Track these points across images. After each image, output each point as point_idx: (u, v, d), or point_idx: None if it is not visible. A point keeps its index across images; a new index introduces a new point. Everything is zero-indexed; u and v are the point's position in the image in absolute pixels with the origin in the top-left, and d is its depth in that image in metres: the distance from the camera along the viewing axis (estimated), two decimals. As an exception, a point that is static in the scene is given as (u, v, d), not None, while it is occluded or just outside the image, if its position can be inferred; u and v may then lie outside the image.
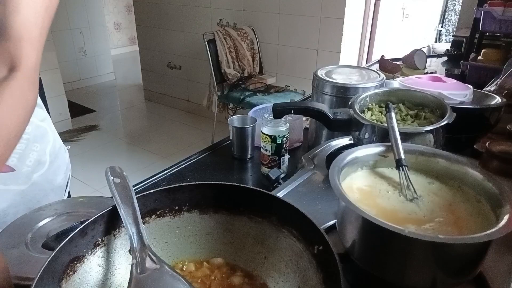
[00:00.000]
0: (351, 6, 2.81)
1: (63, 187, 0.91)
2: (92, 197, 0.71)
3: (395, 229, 0.45)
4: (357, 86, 0.94)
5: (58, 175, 0.89)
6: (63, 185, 0.91)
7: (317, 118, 0.86)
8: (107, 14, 5.50)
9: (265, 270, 0.52)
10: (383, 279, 0.50)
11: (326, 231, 0.47)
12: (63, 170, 0.91)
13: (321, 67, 1.06)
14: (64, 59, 4.34)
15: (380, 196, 0.57)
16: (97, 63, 4.93)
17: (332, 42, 2.89)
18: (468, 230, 0.50)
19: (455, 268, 0.48)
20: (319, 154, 0.86)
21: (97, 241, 0.47)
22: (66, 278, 0.43)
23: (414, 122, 0.80)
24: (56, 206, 0.68)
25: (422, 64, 1.84)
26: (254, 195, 0.52)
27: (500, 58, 1.65)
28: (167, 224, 0.54)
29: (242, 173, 1.04)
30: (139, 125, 3.91)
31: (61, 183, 0.90)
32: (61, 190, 0.90)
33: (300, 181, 0.77)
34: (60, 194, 0.90)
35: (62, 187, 0.91)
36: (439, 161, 0.61)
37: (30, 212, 0.66)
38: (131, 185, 0.51)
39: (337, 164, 0.58)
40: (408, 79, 1.05)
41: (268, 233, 0.52)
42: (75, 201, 0.70)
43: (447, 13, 4.38)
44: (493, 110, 0.95)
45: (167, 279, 0.44)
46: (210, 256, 0.55)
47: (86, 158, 3.20)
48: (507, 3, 1.53)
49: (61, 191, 0.90)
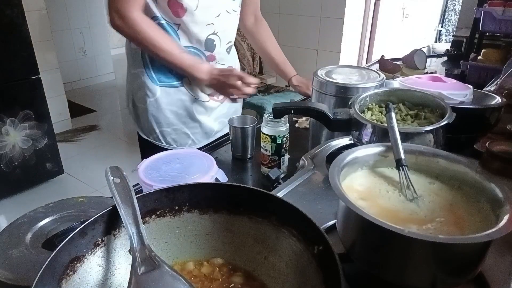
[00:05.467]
0: (351, 6, 2.81)
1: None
2: (92, 197, 0.71)
3: (395, 229, 0.45)
4: (357, 86, 0.94)
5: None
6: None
7: (317, 118, 0.86)
8: (107, 14, 5.49)
9: (265, 270, 0.52)
10: (383, 279, 0.50)
11: (326, 231, 0.47)
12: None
13: (321, 67, 1.06)
14: (64, 59, 4.33)
15: (380, 196, 0.57)
16: (97, 63, 4.92)
17: (332, 42, 2.89)
18: (469, 230, 0.50)
19: (455, 268, 0.48)
20: (319, 154, 0.86)
21: (97, 241, 0.47)
22: (66, 278, 0.43)
23: (414, 122, 0.80)
24: (56, 206, 0.68)
25: (422, 64, 1.84)
26: (254, 195, 0.52)
27: (500, 58, 1.65)
28: (167, 224, 0.54)
29: (242, 173, 1.04)
30: (139, 125, 3.91)
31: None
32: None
33: (300, 181, 0.77)
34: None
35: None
36: (439, 161, 0.61)
37: (30, 212, 0.66)
38: (131, 185, 0.51)
39: (337, 164, 0.58)
40: (408, 79, 1.05)
41: (268, 233, 0.52)
42: (75, 201, 0.70)
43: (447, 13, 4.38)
44: (493, 110, 0.94)
45: (167, 279, 0.44)
46: (210, 256, 0.55)
47: (86, 158, 3.20)
48: (507, 3, 1.54)
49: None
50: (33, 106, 2.54)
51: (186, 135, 1.24)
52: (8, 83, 2.38)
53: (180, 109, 1.20)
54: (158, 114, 1.19)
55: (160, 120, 1.20)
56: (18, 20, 2.35)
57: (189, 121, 1.22)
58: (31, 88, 2.50)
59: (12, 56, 2.37)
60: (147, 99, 1.17)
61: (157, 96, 1.17)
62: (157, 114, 1.19)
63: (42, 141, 2.64)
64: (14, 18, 2.33)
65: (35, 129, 2.58)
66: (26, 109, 2.50)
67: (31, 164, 2.61)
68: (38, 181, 2.72)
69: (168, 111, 1.19)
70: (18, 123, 2.49)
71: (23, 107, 2.49)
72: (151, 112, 1.19)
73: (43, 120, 2.61)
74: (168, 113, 1.19)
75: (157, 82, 1.16)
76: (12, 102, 2.44)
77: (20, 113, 2.49)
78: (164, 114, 1.19)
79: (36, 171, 2.65)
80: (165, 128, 1.21)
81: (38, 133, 2.61)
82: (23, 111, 2.50)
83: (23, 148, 2.55)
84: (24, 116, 2.51)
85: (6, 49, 2.32)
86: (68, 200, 0.70)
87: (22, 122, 2.50)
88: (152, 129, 1.22)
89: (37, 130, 2.59)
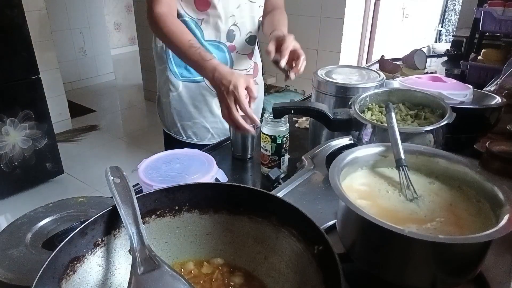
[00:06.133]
0: (351, 6, 2.81)
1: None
2: (92, 197, 0.71)
3: (395, 229, 0.45)
4: (357, 86, 0.94)
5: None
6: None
7: (317, 118, 0.86)
8: (107, 14, 5.49)
9: (265, 270, 0.52)
10: (383, 279, 0.50)
11: (326, 231, 0.47)
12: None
13: (321, 67, 1.06)
14: (64, 59, 4.33)
15: (380, 196, 0.57)
16: (97, 63, 4.92)
17: (332, 42, 2.89)
18: (469, 230, 0.50)
19: (455, 268, 0.48)
20: (319, 154, 0.86)
21: (97, 241, 0.47)
22: (66, 278, 0.43)
23: (414, 122, 0.80)
24: (56, 206, 0.68)
25: (422, 64, 1.84)
26: (254, 195, 0.52)
27: (500, 58, 1.65)
28: (167, 224, 0.54)
29: (242, 173, 1.03)
30: (139, 125, 3.91)
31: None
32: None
33: (300, 181, 0.77)
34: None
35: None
36: (439, 161, 0.61)
37: (30, 212, 0.66)
38: (131, 185, 0.51)
39: (337, 164, 0.58)
40: (408, 79, 1.05)
41: (268, 233, 0.52)
42: (75, 201, 0.70)
43: (447, 13, 4.38)
44: (493, 110, 0.94)
45: (167, 279, 0.44)
46: (210, 256, 0.55)
47: (86, 158, 3.20)
48: (507, 3, 1.53)
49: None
50: (33, 106, 2.54)
51: (206, 129, 1.27)
52: (8, 83, 2.38)
53: (200, 103, 1.23)
54: (180, 108, 1.23)
55: (182, 114, 1.24)
56: (18, 20, 2.35)
57: (209, 116, 1.25)
58: (31, 88, 2.50)
59: (12, 56, 2.37)
60: (170, 93, 1.22)
61: (180, 90, 1.21)
62: (179, 108, 1.24)
63: (42, 141, 2.64)
64: (14, 18, 2.33)
65: (35, 129, 2.58)
66: (26, 109, 2.50)
67: (31, 164, 2.62)
68: (38, 181, 2.72)
69: (189, 105, 1.23)
70: (18, 123, 2.49)
71: (23, 107, 2.49)
72: (174, 106, 1.24)
73: (43, 120, 2.61)
74: (190, 107, 1.23)
75: (180, 77, 1.21)
76: (12, 102, 2.44)
77: (20, 113, 2.49)
78: (186, 108, 1.23)
79: (36, 171, 2.66)
80: (186, 122, 1.25)
81: (38, 133, 2.61)
82: (23, 111, 2.50)
83: (23, 148, 2.55)
84: (24, 116, 2.51)
85: (6, 49, 2.33)
86: (68, 200, 0.70)
87: (22, 122, 2.51)
88: (174, 123, 1.26)
89: (37, 130, 2.59)
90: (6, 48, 2.33)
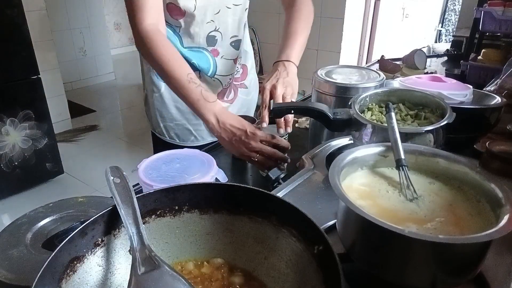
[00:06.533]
0: (351, 6, 2.81)
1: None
2: (92, 197, 0.71)
3: (395, 229, 0.45)
4: (357, 86, 0.94)
5: None
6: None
7: (317, 118, 0.86)
8: (107, 14, 5.49)
9: (265, 270, 0.52)
10: (383, 279, 0.50)
11: (326, 231, 0.47)
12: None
13: (321, 67, 1.06)
14: (64, 59, 4.33)
15: (380, 196, 0.57)
16: (97, 63, 4.92)
17: (332, 42, 2.89)
18: (469, 230, 0.50)
19: (455, 268, 0.48)
20: (319, 154, 0.86)
21: (97, 241, 0.47)
22: (66, 278, 0.43)
23: (414, 122, 0.80)
24: (56, 206, 0.68)
25: (422, 64, 1.84)
26: (254, 195, 0.52)
27: (500, 58, 1.65)
28: (167, 224, 0.54)
29: (242, 173, 1.03)
30: (139, 125, 3.91)
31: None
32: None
33: (300, 181, 0.77)
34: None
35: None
36: (439, 161, 0.61)
37: (30, 212, 0.66)
38: (131, 185, 0.51)
39: (337, 164, 0.58)
40: (408, 79, 1.05)
41: (268, 233, 0.52)
42: (75, 201, 0.70)
43: (447, 13, 4.38)
44: (493, 110, 0.94)
45: (167, 279, 0.44)
46: (210, 256, 0.55)
47: (86, 158, 3.20)
48: (507, 3, 1.53)
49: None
50: (33, 106, 2.54)
51: (189, 131, 1.25)
52: (8, 83, 2.39)
53: (183, 105, 1.17)
54: (162, 109, 1.22)
55: (164, 115, 1.22)
56: (18, 20, 2.35)
57: (192, 118, 1.23)
58: (31, 88, 2.50)
59: (12, 56, 2.37)
60: (153, 94, 1.20)
61: (162, 91, 1.19)
62: (161, 109, 1.22)
63: (42, 141, 2.64)
64: (14, 18, 2.33)
65: (35, 129, 2.58)
66: (26, 109, 2.50)
67: (31, 164, 2.62)
68: (38, 181, 2.72)
69: (172, 106, 1.21)
70: (18, 123, 2.49)
71: (23, 107, 2.49)
72: (156, 106, 1.22)
73: (43, 120, 2.61)
74: (172, 109, 1.21)
75: (161, 78, 1.17)
76: (12, 102, 2.44)
77: (20, 113, 2.49)
78: (168, 109, 1.21)
79: (36, 171, 2.66)
80: (168, 123, 1.23)
81: (38, 133, 2.61)
82: (23, 111, 2.50)
83: (23, 148, 2.55)
84: (24, 116, 2.51)
85: (6, 49, 2.33)
86: (68, 200, 0.70)
87: (22, 122, 2.51)
88: (157, 123, 1.25)
89: (37, 130, 2.60)
90: (6, 48, 2.33)
